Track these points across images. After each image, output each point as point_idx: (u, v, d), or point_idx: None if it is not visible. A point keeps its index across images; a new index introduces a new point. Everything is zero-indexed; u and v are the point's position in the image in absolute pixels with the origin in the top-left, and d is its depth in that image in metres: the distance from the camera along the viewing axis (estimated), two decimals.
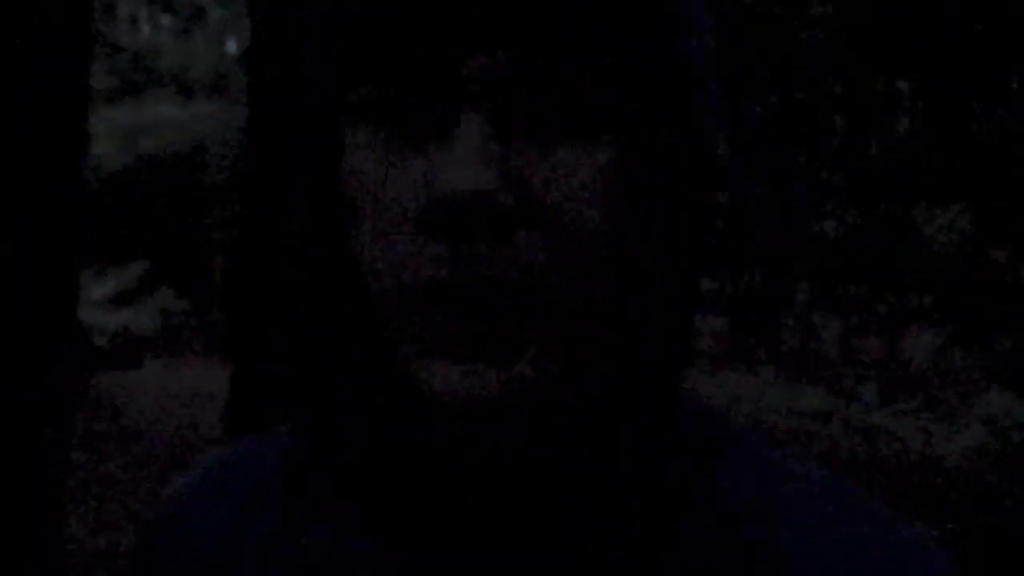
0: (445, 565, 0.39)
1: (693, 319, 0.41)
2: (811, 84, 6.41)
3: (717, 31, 0.40)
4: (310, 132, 0.41)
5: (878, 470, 5.46)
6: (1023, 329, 5.03)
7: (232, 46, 13.28)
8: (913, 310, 6.47)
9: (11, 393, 2.41)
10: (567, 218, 0.35)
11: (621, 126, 0.36)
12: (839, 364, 9.66)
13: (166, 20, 14.56)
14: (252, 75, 3.78)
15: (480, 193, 0.33)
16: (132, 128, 11.32)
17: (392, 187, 0.36)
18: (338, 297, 0.40)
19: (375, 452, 0.40)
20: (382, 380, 0.39)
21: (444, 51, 0.35)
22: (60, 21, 2.68)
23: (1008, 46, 4.90)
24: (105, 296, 10.07)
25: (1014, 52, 4.97)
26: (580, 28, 0.35)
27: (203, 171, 12.06)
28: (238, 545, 0.45)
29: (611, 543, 0.38)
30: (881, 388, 7.77)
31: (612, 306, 0.38)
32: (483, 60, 0.35)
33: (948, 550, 0.40)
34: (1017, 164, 4.96)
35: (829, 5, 5.96)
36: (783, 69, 6.35)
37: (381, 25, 0.36)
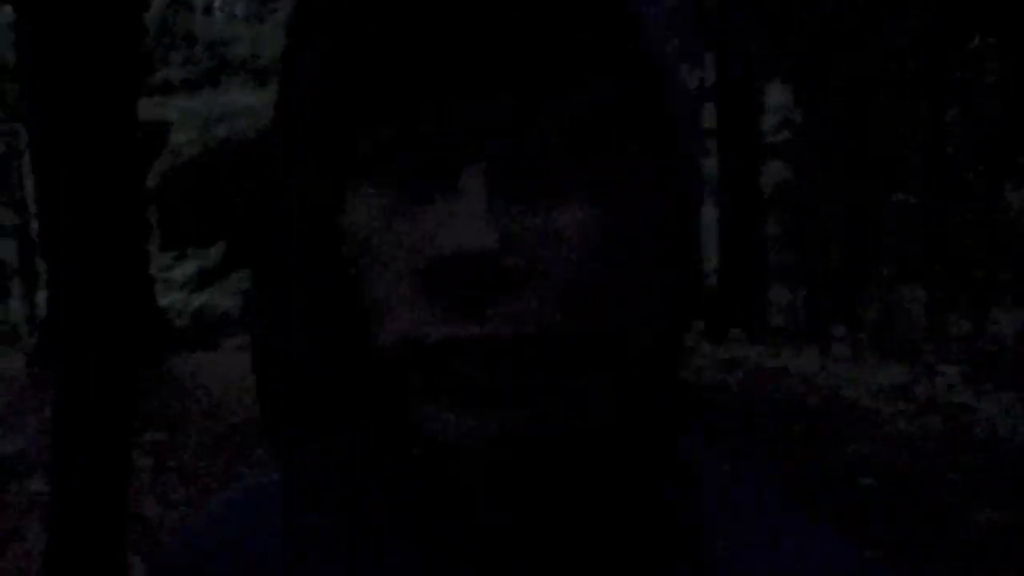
0: None
1: (685, 347, 0.42)
2: (894, 53, 6.14)
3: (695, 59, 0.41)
4: (308, 180, 0.41)
5: (960, 451, 5.25)
6: None
7: None
8: (1003, 285, 6.19)
9: (90, 374, 2.51)
10: (567, 271, 0.36)
11: (612, 181, 0.37)
12: (921, 340, 9.29)
13: (239, 8, 14.86)
14: None
15: (484, 254, 0.34)
16: (208, 115, 11.63)
17: (395, 242, 0.37)
18: (336, 340, 0.41)
19: (371, 490, 0.42)
20: (380, 421, 0.41)
21: (444, 99, 0.36)
22: (115, 15, 2.74)
23: None
24: (185, 278, 10.41)
25: None
26: (574, 74, 0.36)
27: None
28: (249, 571, 0.46)
29: (609, 570, 0.40)
30: (966, 366, 7.45)
31: (609, 348, 0.39)
32: (482, 108, 0.35)
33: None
34: None
35: None
36: (863, 36, 6.10)
37: (381, 75, 0.36)
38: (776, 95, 11.37)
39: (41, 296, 12.67)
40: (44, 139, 2.73)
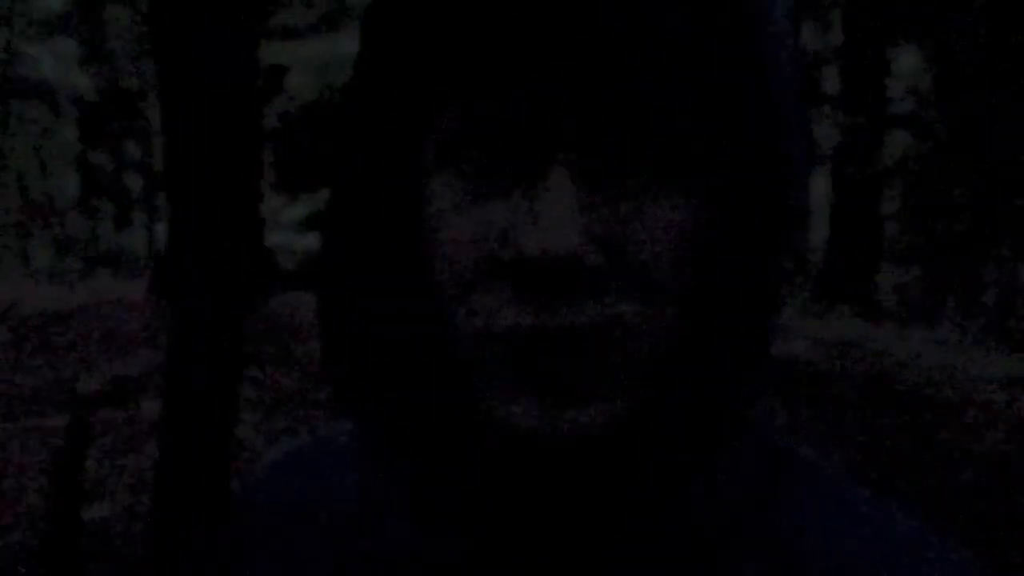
0: (507, 567, 0.41)
1: (770, 353, 0.41)
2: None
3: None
4: (385, 169, 0.40)
5: None
6: None
7: None
8: None
9: (205, 305, 2.63)
10: (648, 264, 0.36)
11: (706, 179, 0.37)
12: None
13: None
14: None
15: (571, 256, 0.34)
16: (324, 61, 11.84)
17: (473, 235, 0.36)
18: (410, 328, 0.41)
19: (441, 473, 0.42)
20: (454, 411, 0.41)
21: (536, 84, 0.34)
22: None
23: None
24: (295, 220, 10.74)
25: None
26: (668, 71, 0.35)
27: None
28: (317, 522, 0.47)
29: (663, 565, 0.39)
30: None
31: (686, 352, 0.38)
32: (576, 98, 0.34)
33: None
34: None
35: None
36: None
37: (469, 52, 0.35)
38: (906, 60, 10.78)
39: (161, 228, 13.31)
40: (170, 77, 2.84)
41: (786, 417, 4.76)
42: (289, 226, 10.78)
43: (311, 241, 11.02)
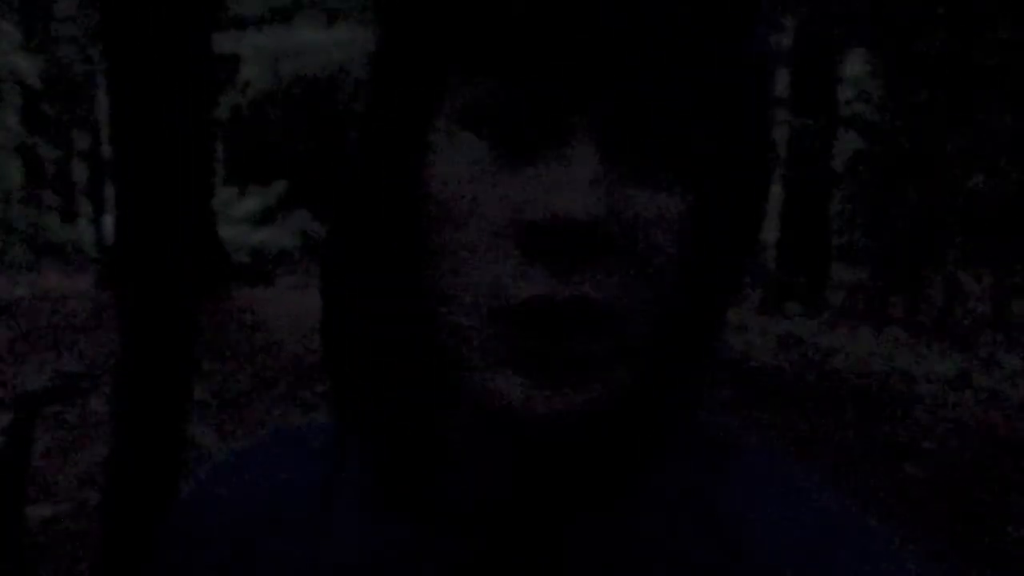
0: (477, 553, 0.41)
1: (720, 342, 0.42)
2: (971, 30, 5.88)
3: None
4: (396, 128, 0.39)
5: (1012, 446, 5.12)
6: None
7: None
8: None
9: (155, 299, 2.58)
10: (648, 248, 0.37)
11: (706, 172, 0.38)
12: (984, 328, 9.04)
13: None
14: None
15: (593, 220, 0.34)
16: (278, 51, 11.68)
17: (488, 199, 0.36)
18: (403, 301, 0.40)
19: (422, 452, 0.42)
20: (440, 386, 0.41)
21: (563, 51, 0.34)
22: None
23: None
24: (246, 214, 10.59)
25: None
26: (696, 55, 0.36)
27: (344, 95, 12.36)
28: (272, 522, 0.46)
29: (618, 549, 0.40)
30: None
31: (673, 329, 0.39)
32: (603, 67, 0.35)
33: None
34: None
35: None
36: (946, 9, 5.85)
37: (495, 15, 0.35)
38: (855, 64, 11.00)
39: (108, 220, 13.01)
40: (120, 65, 2.78)
41: (735, 411, 4.83)
42: (240, 220, 10.61)
43: (263, 235, 10.86)
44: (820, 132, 9.66)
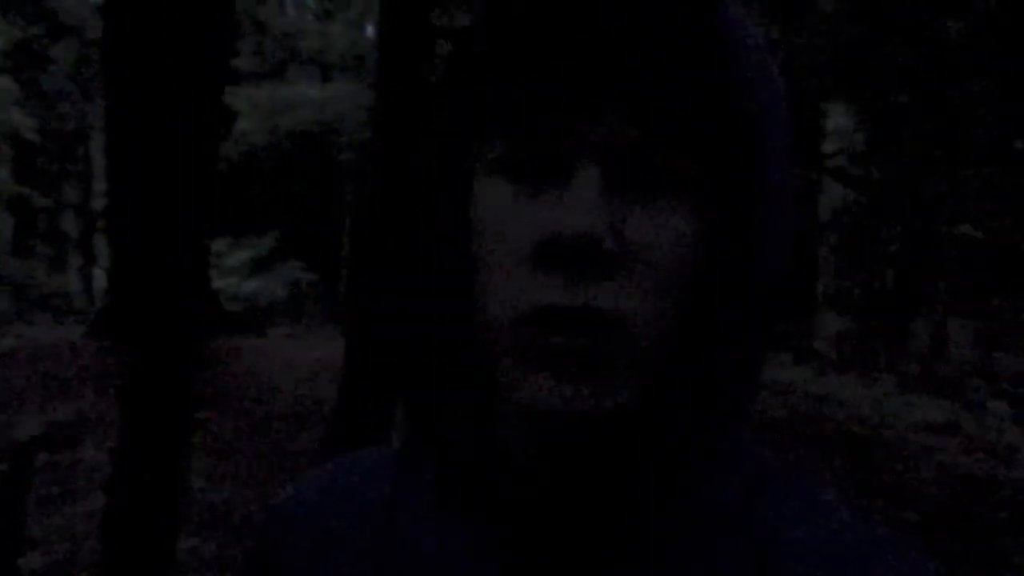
0: (531, 552, 0.45)
1: (765, 356, 0.46)
2: (952, 78, 6.04)
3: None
4: (442, 177, 0.48)
5: (1007, 491, 5.14)
6: None
7: (369, 30, 13.65)
8: None
9: (148, 349, 2.59)
10: (654, 263, 0.42)
11: (705, 187, 0.43)
12: (970, 375, 9.10)
13: (311, 1, 15.10)
14: (384, 59, 3.90)
15: (591, 236, 0.40)
16: (273, 105, 11.83)
17: (513, 228, 0.43)
18: (450, 317, 0.47)
19: (472, 452, 0.47)
20: (483, 390, 0.47)
21: (570, 118, 0.42)
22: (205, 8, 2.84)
23: None
24: (239, 264, 10.60)
25: None
26: (676, 101, 0.42)
27: (337, 149, 12.47)
28: (342, 540, 0.51)
29: (663, 552, 0.44)
30: (1015, 404, 7.28)
31: (684, 340, 0.44)
32: (606, 126, 0.42)
33: None
34: None
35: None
36: (924, 61, 6.00)
37: (513, 93, 0.43)
38: (838, 118, 11.21)
39: (98, 271, 12.99)
40: (119, 118, 2.83)
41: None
42: (232, 270, 10.63)
43: (254, 286, 10.87)
44: (806, 183, 9.81)
